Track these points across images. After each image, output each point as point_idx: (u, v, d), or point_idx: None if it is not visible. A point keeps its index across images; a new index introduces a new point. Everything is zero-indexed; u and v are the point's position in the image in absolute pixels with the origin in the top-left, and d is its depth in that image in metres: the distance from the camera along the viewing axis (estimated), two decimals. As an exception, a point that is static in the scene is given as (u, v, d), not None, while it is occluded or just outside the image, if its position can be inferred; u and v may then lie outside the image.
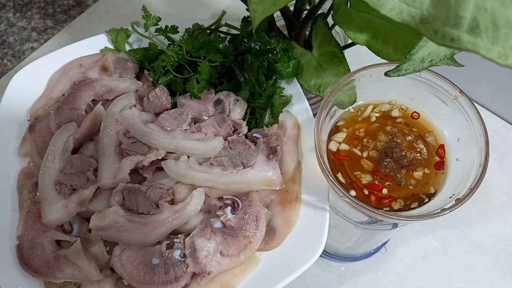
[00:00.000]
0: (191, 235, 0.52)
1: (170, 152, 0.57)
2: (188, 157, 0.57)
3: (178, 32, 0.64)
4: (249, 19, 0.62)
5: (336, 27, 0.64)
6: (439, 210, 0.43)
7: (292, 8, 0.62)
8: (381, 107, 0.54)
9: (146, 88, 0.63)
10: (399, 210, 0.48)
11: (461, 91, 0.48)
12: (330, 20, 0.57)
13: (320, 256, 0.50)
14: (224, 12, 0.66)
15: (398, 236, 0.68)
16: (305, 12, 0.61)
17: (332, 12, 0.54)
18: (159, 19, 0.63)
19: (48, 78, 0.64)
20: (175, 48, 0.61)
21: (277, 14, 0.68)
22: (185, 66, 0.62)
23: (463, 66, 0.50)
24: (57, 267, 0.50)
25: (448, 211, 0.43)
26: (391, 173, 0.49)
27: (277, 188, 0.55)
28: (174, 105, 0.62)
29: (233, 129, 0.60)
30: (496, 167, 0.74)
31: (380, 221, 0.49)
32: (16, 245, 0.51)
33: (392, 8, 0.29)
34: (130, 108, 0.60)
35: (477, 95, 0.79)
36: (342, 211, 0.53)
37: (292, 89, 0.62)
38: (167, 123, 0.58)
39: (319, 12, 0.58)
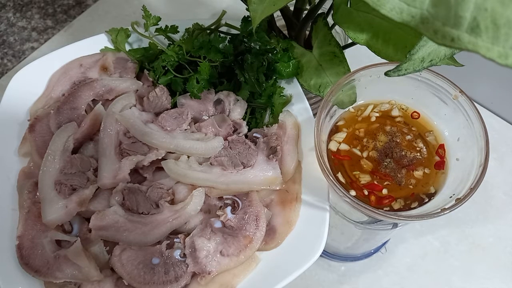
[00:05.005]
0: (191, 235, 0.52)
1: (170, 152, 0.57)
2: (188, 157, 0.57)
3: (178, 32, 0.64)
4: (249, 19, 0.62)
5: (336, 27, 0.64)
6: (439, 210, 0.43)
7: (292, 8, 0.62)
8: (381, 107, 0.54)
9: (146, 88, 0.63)
10: (399, 210, 0.48)
11: (461, 91, 0.48)
12: (330, 20, 0.57)
13: (320, 256, 0.50)
14: (224, 12, 0.66)
15: (398, 236, 0.68)
16: (305, 12, 0.61)
17: (332, 12, 0.54)
18: (159, 19, 0.63)
19: (48, 78, 0.64)
20: (175, 48, 0.61)
21: (277, 14, 0.68)
22: (185, 66, 0.62)
23: (463, 66, 0.50)
24: (57, 267, 0.50)
25: (448, 211, 0.43)
26: (391, 173, 0.49)
27: (277, 188, 0.55)
28: (174, 105, 0.62)
29: (233, 129, 0.60)
30: (496, 167, 0.74)
31: (380, 221, 0.49)
32: (16, 245, 0.51)
33: (392, 8, 0.29)
34: (130, 108, 0.60)
35: (477, 95, 0.79)
36: (342, 211, 0.53)
37: (292, 89, 0.62)
38: (167, 123, 0.58)
39: (319, 12, 0.58)
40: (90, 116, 0.59)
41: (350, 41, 0.57)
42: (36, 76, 0.63)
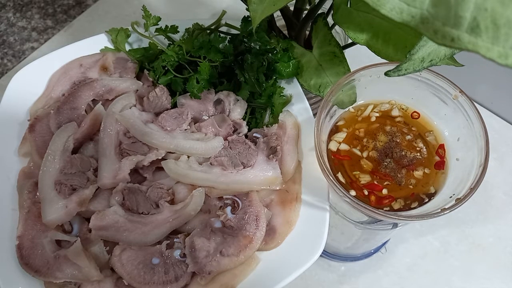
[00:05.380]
0: (191, 235, 0.52)
1: (170, 152, 0.57)
2: (188, 157, 0.57)
3: (178, 32, 0.64)
4: (249, 19, 0.62)
5: (336, 27, 0.64)
6: (439, 210, 0.43)
7: (292, 8, 0.62)
8: (381, 107, 0.54)
9: (146, 88, 0.63)
10: (399, 210, 0.48)
11: (461, 91, 0.48)
12: (330, 20, 0.57)
13: (320, 256, 0.50)
14: (224, 12, 0.66)
15: (398, 236, 0.68)
16: (305, 12, 0.61)
17: (332, 12, 0.54)
18: (159, 19, 0.63)
19: (48, 78, 0.64)
20: (175, 48, 0.61)
21: (277, 14, 0.68)
22: (185, 66, 0.62)
23: (463, 66, 0.50)
24: (57, 267, 0.50)
25: (448, 211, 0.43)
26: (391, 173, 0.49)
27: (277, 188, 0.55)
28: (174, 105, 0.62)
29: (233, 129, 0.60)
30: (496, 167, 0.74)
31: (380, 221, 0.49)
32: (16, 245, 0.51)
33: (392, 8, 0.29)
34: (130, 108, 0.60)
35: (477, 95, 0.79)
36: (342, 211, 0.53)
37: (292, 89, 0.62)
38: (167, 123, 0.58)
39: (319, 12, 0.58)
40: (90, 116, 0.59)
41: (350, 41, 0.57)
42: (36, 76, 0.63)
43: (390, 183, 0.49)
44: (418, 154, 0.51)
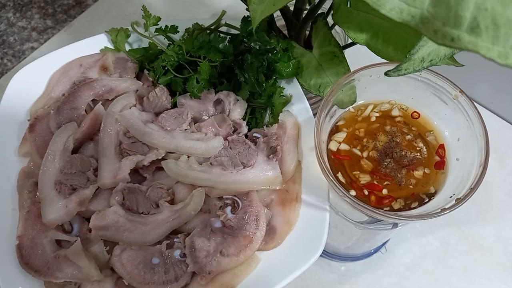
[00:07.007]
0: (191, 234, 0.52)
1: (170, 152, 0.57)
2: (188, 157, 0.57)
3: (178, 32, 0.64)
4: (249, 19, 0.62)
5: (336, 27, 0.64)
6: (439, 210, 0.43)
7: (292, 8, 0.62)
8: (381, 106, 0.54)
9: (146, 88, 0.63)
10: (399, 210, 0.48)
11: (461, 91, 0.48)
12: (330, 20, 0.57)
13: (320, 256, 0.50)
14: (224, 12, 0.66)
15: (398, 236, 0.68)
16: (305, 11, 0.61)
17: (332, 11, 0.54)
18: (159, 19, 0.63)
19: (48, 78, 0.64)
20: (175, 48, 0.61)
21: (277, 14, 0.68)
22: (185, 66, 0.62)
23: (463, 65, 0.50)
24: (57, 267, 0.50)
25: (448, 211, 0.43)
26: (392, 173, 0.49)
27: (277, 188, 0.55)
28: (174, 105, 0.62)
29: (233, 129, 0.60)
30: (496, 167, 0.74)
31: (380, 221, 0.49)
32: (16, 245, 0.51)
33: (392, 7, 0.29)
34: (130, 108, 0.60)
35: (477, 95, 0.79)
36: (342, 211, 0.53)
37: (292, 89, 0.62)
38: (167, 123, 0.58)
39: (319, 11, 0.58)
40: (90, 116, 0.59)
41: (350, 41, 0.57)
42: (36, 76, 0.63)
43: (390, 183, 0.49)
44: (418, 154, 0.51)
